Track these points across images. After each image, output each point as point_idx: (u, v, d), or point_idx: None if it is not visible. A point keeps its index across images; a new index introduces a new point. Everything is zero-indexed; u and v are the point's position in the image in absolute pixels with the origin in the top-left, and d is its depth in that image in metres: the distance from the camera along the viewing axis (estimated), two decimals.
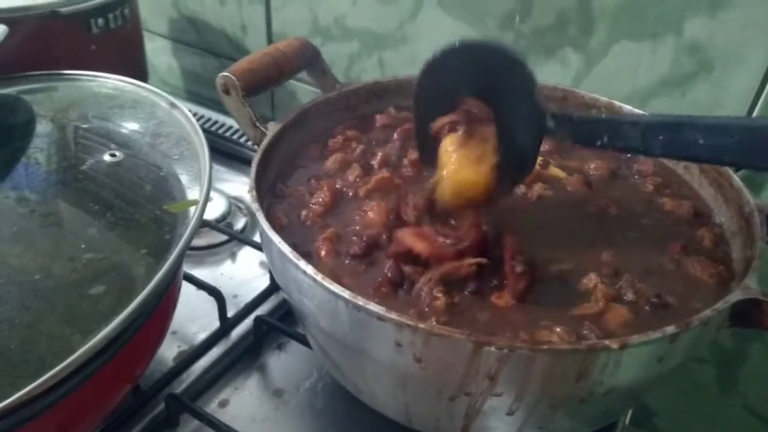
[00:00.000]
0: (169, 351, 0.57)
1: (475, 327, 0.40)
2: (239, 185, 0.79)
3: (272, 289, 0.63)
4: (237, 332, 0.59)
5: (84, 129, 0.55)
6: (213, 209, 0.73)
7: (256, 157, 0.50)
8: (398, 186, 0.52)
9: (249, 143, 0.84)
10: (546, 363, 0.35)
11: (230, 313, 0.59)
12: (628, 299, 0.42)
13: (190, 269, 0.62)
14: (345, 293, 0.38)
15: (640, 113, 0.56)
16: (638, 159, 0.57)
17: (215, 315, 0.58)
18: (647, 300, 0.42)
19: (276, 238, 0.42)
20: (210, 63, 0.97)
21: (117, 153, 0.52)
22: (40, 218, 0.47)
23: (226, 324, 0.59)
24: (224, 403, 0.54)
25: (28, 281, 0.41)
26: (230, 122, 0.90)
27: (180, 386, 0.54)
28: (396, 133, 0.58)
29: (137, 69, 0.82)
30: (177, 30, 0.99)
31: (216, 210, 0.73)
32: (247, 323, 0.59)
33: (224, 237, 0.70)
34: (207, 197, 0.45)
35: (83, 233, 0.45)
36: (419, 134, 0.49)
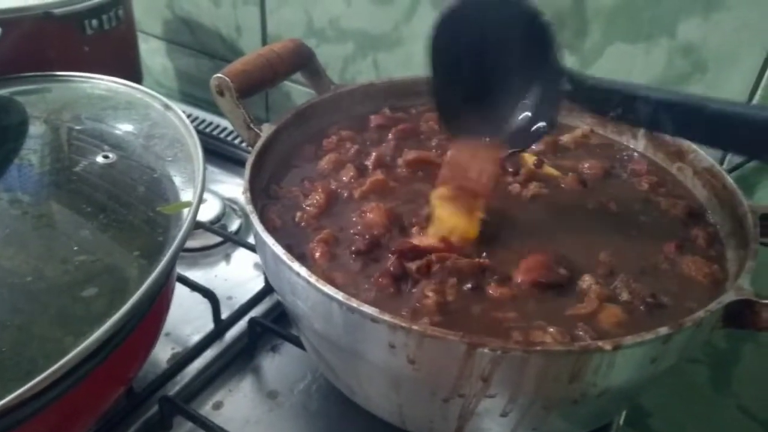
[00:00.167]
0: (163, 353, 0.57)
1: (469, 326, 0.40)
2: (234, 187, 0.79)
3: (266, 291, 0.62)
4: (231, 334, 0.59)
5: (77, 130, 0.55)
6: (207, 211, 0.72)
7: (250, 159, 0.50)
8: (393, 188, 0.52)
9: (244, 145, 0.84)
10: (539, 364, 0.35)
11: (224, 315, 0.59)
12: (623, 299, 0.42)
13: (184, 271, 0.62)
14: (339, 295, 0.37)
15: (655, 88, 0.53)
16: (632, 158, 0.57)
17: (209, 317, 0.58)
18: (642, 300, 0.42)
19: (270, 240, 0.42)
20: (204, 64, 0.97)
21: (110, 154, 0.51)
22: (33, 220, 0.46)
23: (220, 326, 0.59)
24: (218, 405, 0.53)
25: (20, 283, 0.41)
26: (225, 124, 0.90)
27: (174, 388, 0.53)
28: (391, 134, 0.58)
29: (131, 70, 0.82)
30: (171, 31, 0.99)
31: (210, 211, 0.73)
32: (241, 325, 0.59)
33: (218, 238, 0.70)
34: (200, 199, 0.45)
35: (76, 235, 0.45)
36: (438, 97, 0.48)
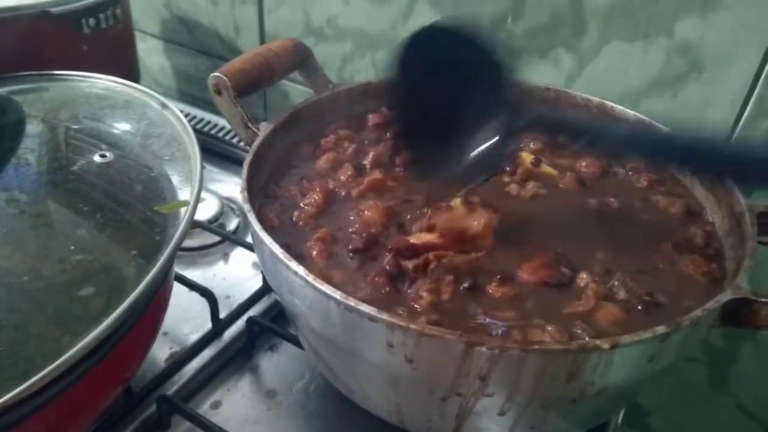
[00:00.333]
0: (161, 352, 0.57)
1: (466, 325, 0.40)
2: (232, 186, 0.79)
3: (265, 290, 0.62)
4: (229, 333, 0.59)
5: (75, 129, 0.55)
6: (205, 210, 0.72)
7: (248, 158, 0.50)
8: (391, 188, 0.52)
9: (242, 144, 0.83)
10: (537, 363, 0.35)
11: (222, 314, 0.59)
12: (621, 298, 0.42)
13: (183, 270, 0.62)
14: (336, 294, 0.37)
15: (615, 125, 0.53)
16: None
17: (207, 316, 0.58)
18: (639, 298, 0.42)
19: (267, 239, 0.42)
20: (202, 63, 0.97)
21: (108, 154, 0.51)
22: (30, 219, 0.46)
23: (219, 325, 0.58)
24: (216, 405, 0.53)
25: (17, 282, 0.40)
26: (223, 123, 0.90)
27: (172, 388, 0.53)
28: (388, 133, 0.58)
29: (129, 69, 0.82)
30: (169, 30, 0.98)
31: (208, 211, 0.73)
32: (240, 324, 0.59)
33: (217, 238, 0.70)
34: (198, 198, 0.45)
35: (73, 234, 0.45)
36: (402, 130, 0.48)
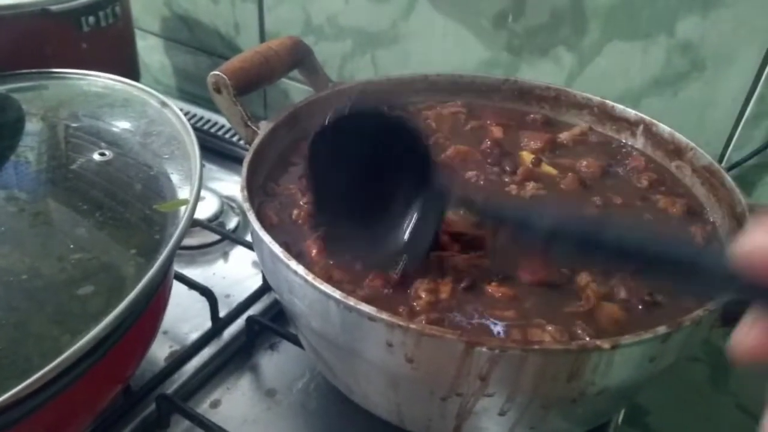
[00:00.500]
0: (161, 351, 0.57)
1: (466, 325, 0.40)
2: (232, 184, 0.79)
3: (264, 289, 0.62)
4: (229, 332, 0.59)
5: (74, 128, 0.55)
6: (205, 208, 0.72)
7: (248, 157, 0.50)
8: None
9: (241, 142, 0.83)
10: (537, 363, 0.35)
11: (222, 313, 0.59)
12: (621, 297, 0.42)
13: (182, 269, 0.62)
14: (336, 293, 0.37)
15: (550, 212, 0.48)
16: (631, 154, 0.57)
17: (207, 315, 0.58)
18: (640, 298, 0.41)
19: (267, 238, 0.42)
20: (202, 61, 0.97)
21: (107, 152, 0.51)
22: (30, 217, 0.46)
23: (218, 324, 0.58)
24: (216, 404, 0.53)
25: (16, 281, 0.40)
26: (223, 121, 0.89)
27: (171, 386, 0.53)
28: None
29: (129, 67, 0.82)
30: (169, 28, 0.98)
31: (208, 209, 0.72)
32: (239, 323, 0.59)
33: (216, 236, 0.69)
34: (197, 197, 0.45)
35: (72, 233, 0.45)
36: (318, 216, 0.45)
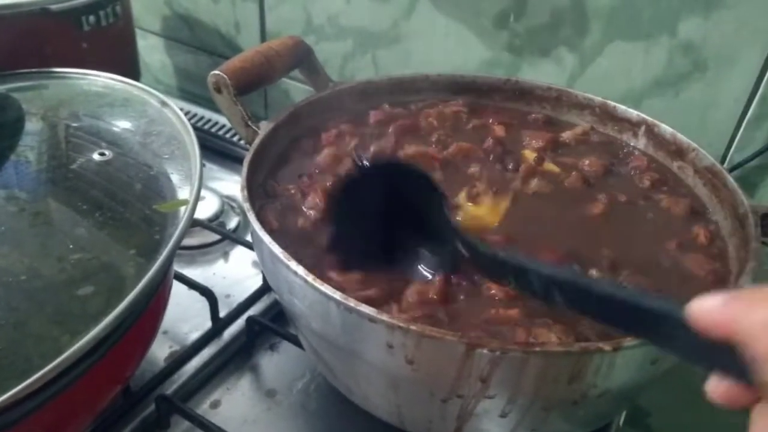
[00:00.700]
0: (161, 351, 0.57)
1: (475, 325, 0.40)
2: (232, 184, 0.79)
3: (265, 289, 0.62)
4: (229, 332, 0.58)
5: (74, 127, 0.55)
6: (205, 208, 0.72)
7: (248, 157, 0.49)
8: None
9: (242, 142, 0.83)
10: (539, 365, 0.35)
11: (222, 313, 0.59)
12: None
13: (182, 269, 0.62)
14: (336, 294, 0.37)
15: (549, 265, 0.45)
16: (633, 154, 0.57)
17: (207, 315, 0.58)
18: None
19: (267, 238, 0.42)
20: (203, 61, 0.97)
21: (107, 152, 0.51)
22: (29, 217, 0.46)
23: (218, 324, 0.58)
24: (216, 404, 0.53)
25: (16, 281, 0.40)
26: (223, 121, 0.89)
27: (171, 387, 0.53)
28: (391, 128, 0.58)
29: (130, 67, 0.82)
30: (170, 28, 0.98)
31: (208, 209, 0.72)
32: (240, 323, 0.59)
33: (216, 236, 0.69)
34: (197, 197, 0.45)
35: (72, 233, 0.45)
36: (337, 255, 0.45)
